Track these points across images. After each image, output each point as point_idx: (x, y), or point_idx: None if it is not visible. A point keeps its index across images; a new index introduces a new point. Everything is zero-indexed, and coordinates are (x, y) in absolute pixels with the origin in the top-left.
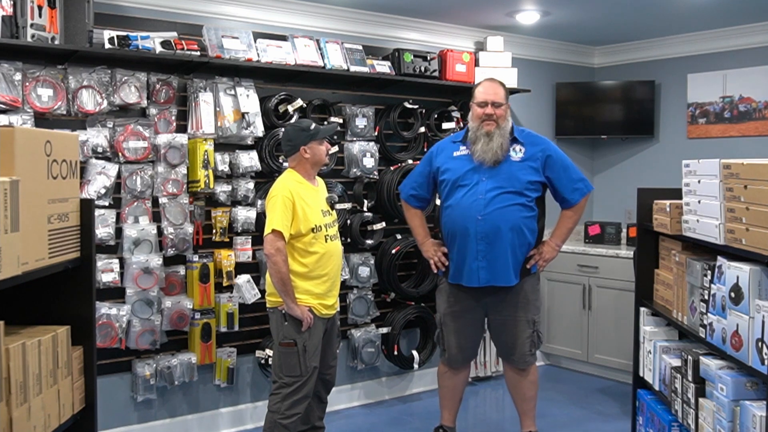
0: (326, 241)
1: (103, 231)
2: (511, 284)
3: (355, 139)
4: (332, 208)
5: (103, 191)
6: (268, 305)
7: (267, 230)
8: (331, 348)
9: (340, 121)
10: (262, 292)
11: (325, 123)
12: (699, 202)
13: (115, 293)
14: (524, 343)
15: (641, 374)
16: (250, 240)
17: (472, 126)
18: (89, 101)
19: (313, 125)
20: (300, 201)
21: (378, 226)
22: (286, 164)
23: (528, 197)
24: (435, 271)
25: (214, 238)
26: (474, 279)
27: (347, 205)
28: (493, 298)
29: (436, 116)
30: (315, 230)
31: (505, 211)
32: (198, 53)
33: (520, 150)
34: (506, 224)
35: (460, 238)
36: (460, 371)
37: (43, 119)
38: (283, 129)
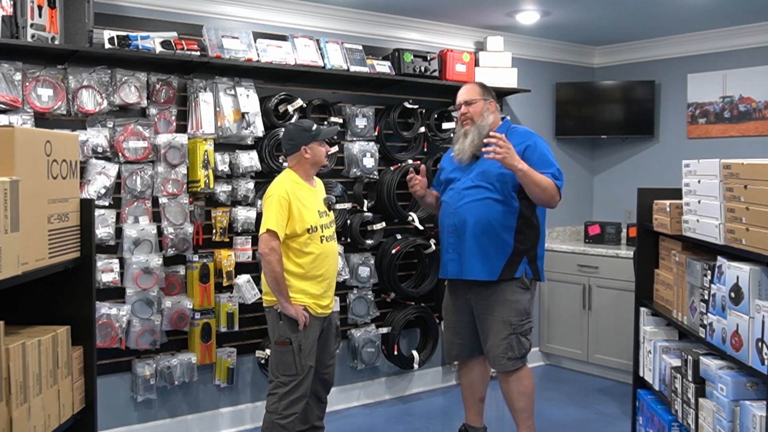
0: (322, 242)
1: (103, 231)
2: (478, 278)
3: (355, 139)
4: (330, 209)
5: (103, 191)
6: (264, 304)
7: (262, 229)
8: (329, 347)
9: (341, 122)
10: (262, 292)
11: (326, 123)
12: (699, 202)
13: (115, 293)
14: (498, 345)
15: (641, 374)
16: (250, 240)
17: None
18: (89, 101)
19: (315, 126)
20: (296, 201)
21: (378, 226)
22: (286, 164)
23: (502, 191)
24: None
25: (214, 238)
26: (445, 271)
27: (347, 205)
28: (474, 294)
29: (436, 116)
30: (310, 231)
31: (474, 204)
32: (198, 53)
33: None
34: (472, 217)
35: (441, 231)
36: (470, 368)
37: (43, 119)
38: (283, 129)
